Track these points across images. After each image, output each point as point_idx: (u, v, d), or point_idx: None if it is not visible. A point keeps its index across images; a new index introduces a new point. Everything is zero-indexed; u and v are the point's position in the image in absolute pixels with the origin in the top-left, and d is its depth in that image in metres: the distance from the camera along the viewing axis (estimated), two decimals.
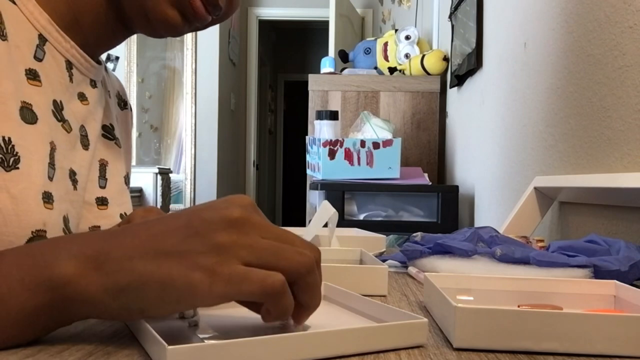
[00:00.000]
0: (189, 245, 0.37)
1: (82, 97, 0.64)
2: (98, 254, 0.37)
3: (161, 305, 0.37)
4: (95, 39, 0.63)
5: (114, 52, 4.21)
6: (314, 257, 0.39)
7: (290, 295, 0.38)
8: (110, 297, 0.37)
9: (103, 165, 0.69)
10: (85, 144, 0.64)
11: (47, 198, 0.54)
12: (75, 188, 0.61)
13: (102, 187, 0.68)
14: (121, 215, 0.70)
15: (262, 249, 0.38)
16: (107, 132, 0.71)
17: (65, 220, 0.58)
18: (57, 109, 0.59)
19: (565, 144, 1.13)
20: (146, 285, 0.36)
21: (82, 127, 0.63)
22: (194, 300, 0.37)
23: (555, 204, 1.17)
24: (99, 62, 0.67)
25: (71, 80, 0.61)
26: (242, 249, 0.37)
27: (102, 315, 0.39)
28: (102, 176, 0.69)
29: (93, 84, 0.66)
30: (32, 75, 0.55)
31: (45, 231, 0.54)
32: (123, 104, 0.78)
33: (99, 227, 0.67)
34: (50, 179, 0.56)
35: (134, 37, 4.20)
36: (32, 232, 0.52)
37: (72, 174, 0.61)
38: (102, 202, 0.68)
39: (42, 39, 0.57)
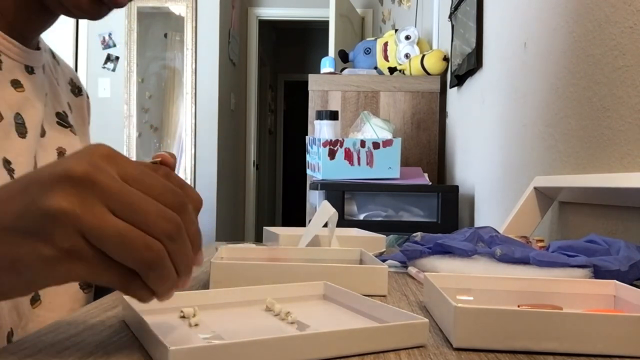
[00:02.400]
0: (27, 218, 0.33)
1: (16, 84, 0.62)
2: None
3: (12, 288, 0.35)
4: (22, 23, 0.62)
5: (114, 52, 4.21)
6: (175, 224, 0.34)
7: (144, 288, 0.35)
8: None
9: (61, 153, 0.68)
10: (21, 132, 0.62)
11: None
12: (12, 177, 0.60)
13: None
14: None
15: (106, 236, 0.33)
16: (61, 119, 0.70)
17: None
18: None
19: (565, 144, 1.13)
20: None
21: (18, 115, 0.62)
22: (48, 281, 0.34)
23: (555, 204, 1.17)
24: (38, 48, 0.66)
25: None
26: (83, 225, 0.32)
27: None
28: None
29: (30, 70, 0.64)
30: None
31: None
32: (77, 90, 0.77)
33: None
34: None
35: (134, 37, 4.20)
36: None
37: (7, 163, 0.60)
38: None
39: None
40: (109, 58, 4.20)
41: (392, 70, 2.65)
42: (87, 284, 0.69)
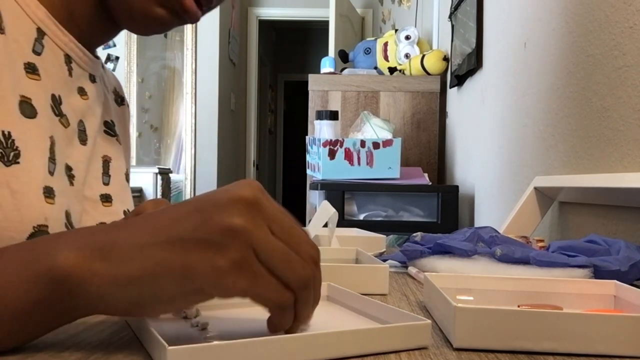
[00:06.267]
0: (204, 231, 0.36)
1: (81, 91, 0.64)
2: (103, 244, 0.36)
3: (178, 296, 0.36)
4: (90, 33, 0.63)
5: (114, 52, 4.21)
6: (314, 267, 0.39)
7: (292, 312, 0.38)
8: (119, 288, 0.35)
9: (106, 162, 0.69)
10: (83, 139, 0.63)
11: (49, 193, 0.54)
12: (71, 184, 0.61)
13: (106, 183, 0.68)
14: (125, 212, 0.69)
15: (273, 251, 0.37)
16: (109, 128, 0.70)
17: (68, 215, 0.58)
18: (56, 103, 0.58)
19: (565, 144, 1.13)
20: (165, 274, 0.35)
21: (81, 122, 0.63)
22: (215, 291, 0.36)
23: (555, 204, 1.17)
24: (97, 57, 0.67)
25: (70, 74, 0.61)
26: (255, 240, 0.36)
27: (109, 310, 0.37)
28: (106, 173, 0.68)
29: (92, 78, 0.66)
30: (31, 69, 0.55)
31: (47, 226, 0.53)
32: (120, 100, 0.78)
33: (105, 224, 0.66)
34: (51, 173, 0.55)
35: (134, 37, 4.20)
36: (34, 227, 0.52)
37: (68, 170, 0.61)
38: (106, 199, 0.67)
39: (41, 33, 0.57)
40: (109, 58, 4.20)
41: (392, 70, 2.65)
42: None
